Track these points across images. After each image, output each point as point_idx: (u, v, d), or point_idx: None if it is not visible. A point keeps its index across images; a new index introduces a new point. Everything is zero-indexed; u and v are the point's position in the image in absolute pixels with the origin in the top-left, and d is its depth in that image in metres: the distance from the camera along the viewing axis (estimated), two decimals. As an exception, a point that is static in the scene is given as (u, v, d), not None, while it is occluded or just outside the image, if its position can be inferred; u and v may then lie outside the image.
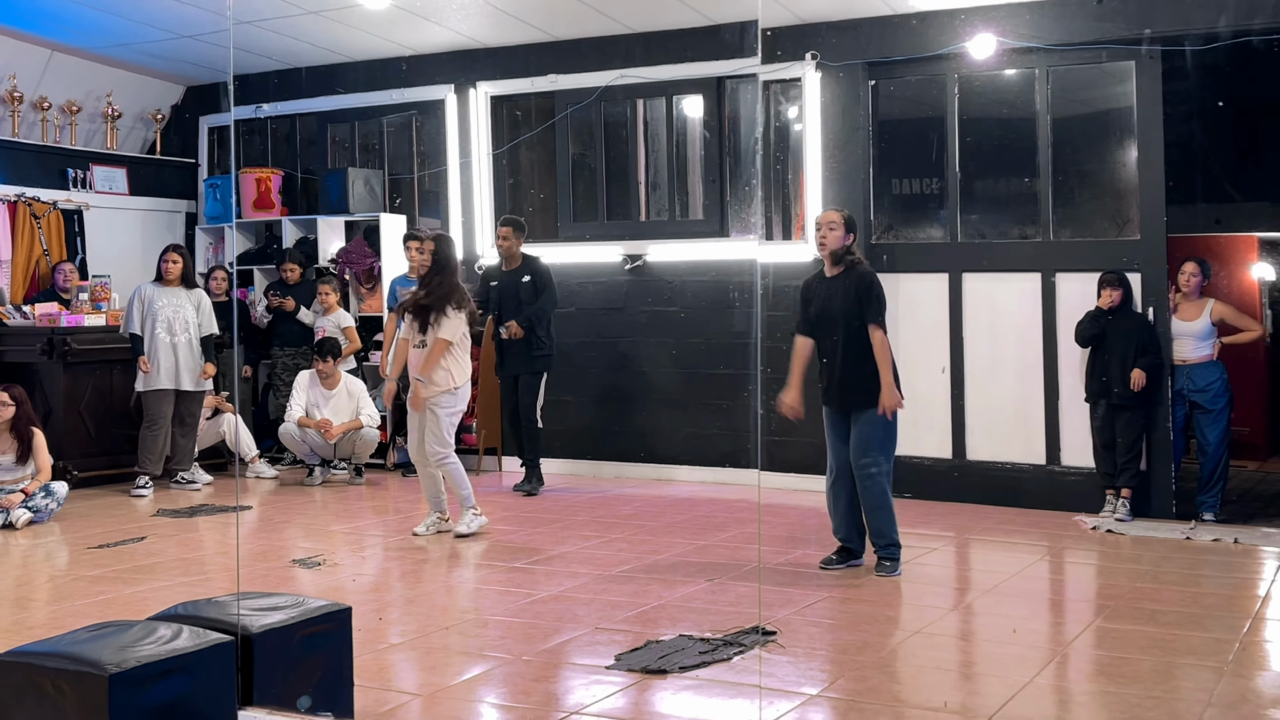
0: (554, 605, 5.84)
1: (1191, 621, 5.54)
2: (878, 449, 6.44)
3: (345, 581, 6.44)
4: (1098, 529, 7.81)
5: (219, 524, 8.19)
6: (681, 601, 5.87)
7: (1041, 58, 8.58)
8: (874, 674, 4.76)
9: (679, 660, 4.81)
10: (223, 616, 3.52)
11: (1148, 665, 4.84)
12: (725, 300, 9.61)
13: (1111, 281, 8.14)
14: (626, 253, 9.97)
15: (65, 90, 10.85)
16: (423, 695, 4.54)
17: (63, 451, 9.31)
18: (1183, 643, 5.18)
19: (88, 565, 6.87)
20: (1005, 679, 4.70)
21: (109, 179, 11.26)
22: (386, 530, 7.94)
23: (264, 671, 3.47)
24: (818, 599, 5.94)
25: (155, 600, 5.86)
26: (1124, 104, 8.46)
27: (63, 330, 9.56)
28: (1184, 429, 8.45)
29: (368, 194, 10.76)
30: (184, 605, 3.69)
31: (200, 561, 7.00)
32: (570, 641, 5.23)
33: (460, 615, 5.74)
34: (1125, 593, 6.13)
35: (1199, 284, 8.38)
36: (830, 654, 5.04)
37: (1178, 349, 8.28)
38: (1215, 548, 7.28)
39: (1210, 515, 8.11)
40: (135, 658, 3.18)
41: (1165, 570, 6.66)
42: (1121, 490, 8.12)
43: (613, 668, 4.79)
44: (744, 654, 4.95)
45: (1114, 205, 8.68)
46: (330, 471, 9.77)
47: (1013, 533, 7.74)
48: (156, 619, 3.58)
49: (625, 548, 7.18)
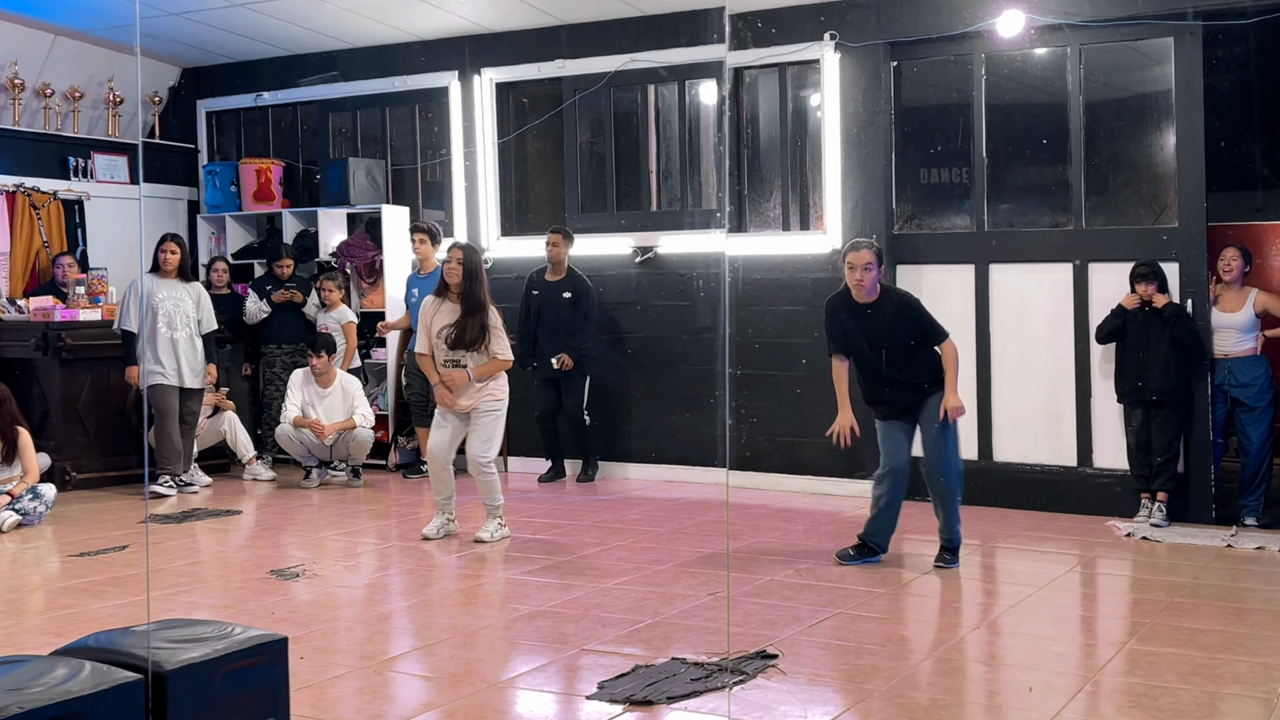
0: (540, 622, 5.42)
1: (1236, 644, 5.06)
2: (953, 449, 6.51)
3: (324, 595, 6.05)
4: (1132, 535, 7.34)
5: (212, 530, 7.82)
6: (679, 619, 5.44)
7: (1073, 35, 8.10)
8: (884, 707, 4.31)
9: (667, 690, 4.38)
10: (134, 650, 3.12)
11: (1188, 696, 4.38)
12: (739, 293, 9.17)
13: (1144, 275, 7.66)
14: (637, 244, 9.55)
15: (68, 77, 10.55)
16: (383, 729, 4.13)
17: (60, 453, 9.00)
18: (1227, 669, 4.71)
19: (64, 575, 6.52)
20: (1028, 712, 4.24)
21: (110, 167, 10.93)
22: (378, 537, 7.55)
23: (179, 714, 3.07)
24: (827, 616, 5.50)
25: (119, 618, 5.49)
26: (1162, 85, 7.98)
27: (58, 325, 9.24)
28: (1224, 428, 7.95)
29: (369, 185, 10.38)
30: (96, 636, 3.29)
31: (180, 574, 6.61)
32: (552, 665, 4.81)
33: (441, 633, 5.32)
34: (1162, 609, 5.66)
35: (1241, 271, 7.89)
36: (836, 681, 4.60)
37: (1219, 342, 7.80)
38: (1259, 556, 6.80)
39: (1253, 520, 7.64)
40: (19, 703, 2.78)
41: (1205, 583, 6.18)
42: (1158, 494, 7.66)
43: (594, 697, 4.36)
44: (742, 683, 4.51)
45: (1150, 192, 8.19)
46: (328, 473, 9.40)
47: (1042, 540, 7.27)
48: (61, 653, 3.19)
49: (626, 556, 6.76)
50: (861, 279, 6.41)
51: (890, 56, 8.71)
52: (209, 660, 3.16)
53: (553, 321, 9.24)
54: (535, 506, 8.41)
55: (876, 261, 6.46)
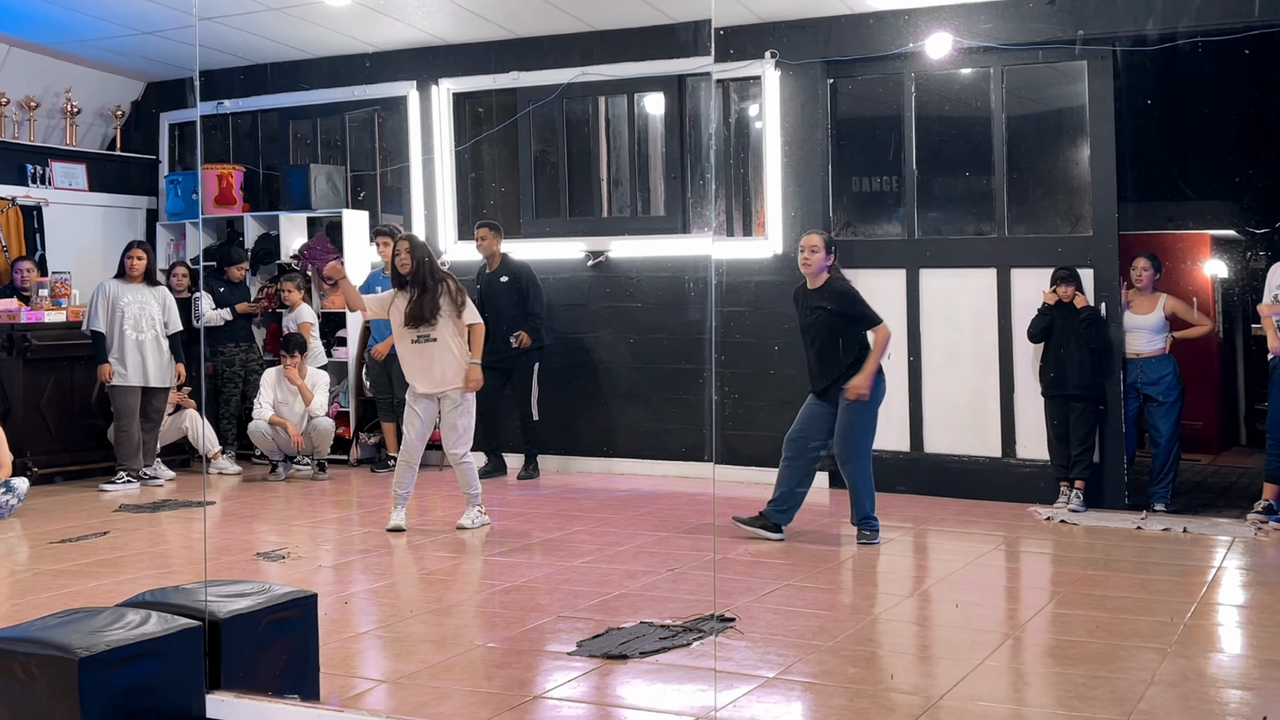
0: (517, 595, 5.92)
1: (1139, 606, 5.68)
2: (863, 435, 7.11)
3: (310, 573, 6.49)
4: (1051, 520, 7.96)
5: (182, 519, 8.21)
6: (642, 590, 5.96)
7: (996, 57, 8.72)
8: (829, 658, 4.87)
9: (639, 646, 4.91)
10: (190, 603, 3.58)
11: (1095, 648, 4.98)
12: (686, 296, 9.70)
13: (1064, 278, 8.30)
14: (588, 249, 10.05)
15: (23, 86, 10.80)
16: (389, 681, 4.62)
17: (23, 448, 9.31)
18: (1129, 626, 5.33)
19: (50, 559, 6.89)
20: (957, 661, 4.82)
21: (68, 175, 11.22)
22: (351, 524, 7.99)
23: (231, 656, 3.54)
24: (776, 587, 6.05)
25: (120, 592, 5.87)
26: (1077, 103, 8.61)
27: (22, 326, 9.54)
28: (1136, 422, 8.60)
29: (330, 190, 10.79)
30: (151, 592, 3.75)
31: (165, 555, 7.03)
32: (534, 629, 5.31)
33: (426, 605, 5.81)
34: (1076, 580, 6.27)
35: (1151, 278, 8.55)
36: (787, 639, 5.15)
37: (1131, 342, 8.45)
38: (1165, 537, 7.45)
39: (1161, 506, 8.26)
40: (104, 642, 3.24)
41: (1116, 558, 6.81)
42: (1075, 482, 8.27)
43: (574, 654, 4.88)
44: (702, 640, 5.05)
45: (1067, 202, 8.83)
46: (294, 467, 9.80)
47: (968, 523, 7.88)
48: (124, 605, 3.64)
49: (588, 539, 7.27)
50: (808, 259, 7.10)
51: (827, 74, 9.28)
52: (255, 611, 3.64)
53: (496, 309, 9.40)
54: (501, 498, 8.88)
55: (824, 247, 7.12)
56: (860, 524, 7.13)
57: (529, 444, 9.73)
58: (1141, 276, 8.53)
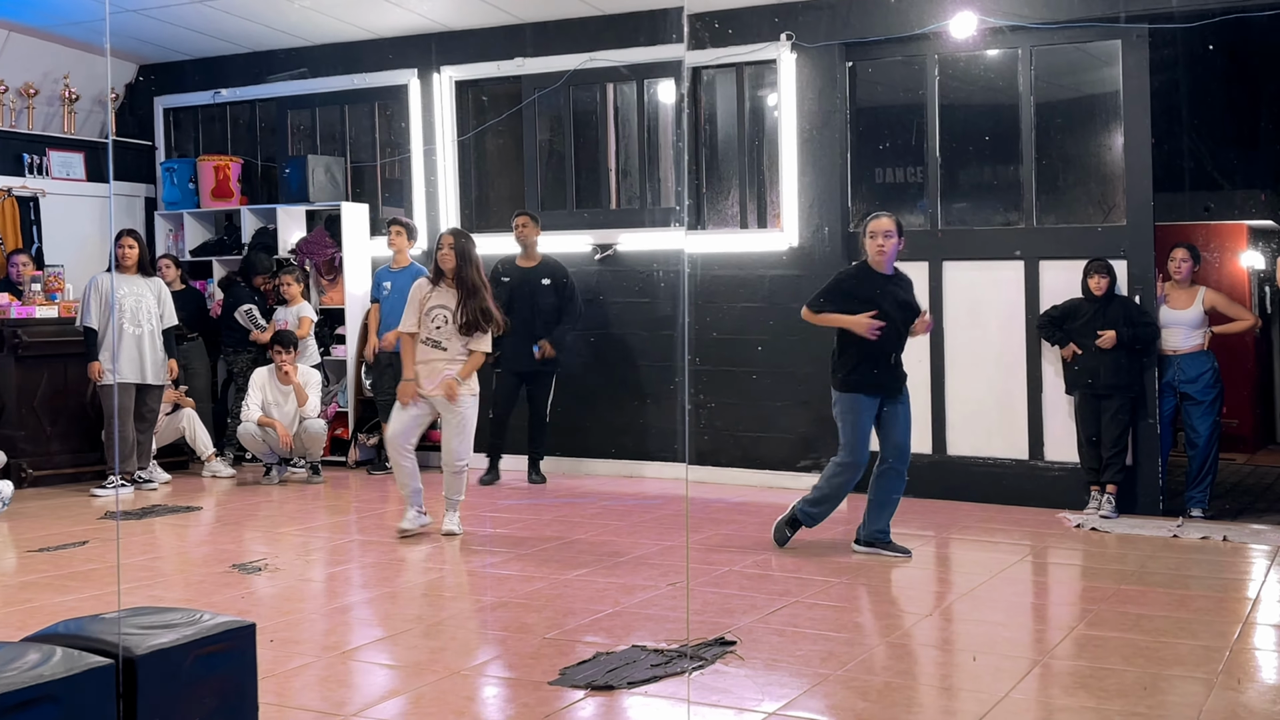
0: (503, 613, 5.50)
1: (1179, 628, 5.21)
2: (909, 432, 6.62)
3: (288, 587, 6.09)
4: (1081, 527, 7.50)
5: (172, 526, 7.84)
6: (639, 608, 5.53)
7: (1024, 37, 8.26)
8: (837, 689, 4.42)
9: (627, 675, 4.47)
10: (106, 636, 3.17)
11: (1132, 677, 4.51)
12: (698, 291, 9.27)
13: (1099, 269, 7.84)
14: (596, 241, 9.63)
15: (22, 73, 10.49)
16: (339, 716, 4.18)
17: (17, 449, 8.97)
18: (1170, 651, 4.86)
19: (23, 570, 6.52)
20: (979, 694, 4.36)
21: (66, 164, 10.89)
22: (342, 530, 7.60)
23: (149, 698, 3.11)
24: (784, 604, 5.60)
25: (82, 610, 5.49)
26: (1110, 87, 8.14)
27: (14, 322, 9.20)
28: (1172, 422, 8.13)
29: (329, 182, 10.40)
30: (66, 623, 3.33)
31: (142, 568, 6.64)
32: (514, 653, 4.88)
33: (404, 624, 5.39)
34: (1109, 596, 5.81)
35: (1190, 270, 8.07)
36: (792, 665, 4.70)
37: (1167, 338, 7.97)
38: (1204, 546, 6.97)
39: (1199, 511, 7.82)
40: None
41: (1151, 571, 6.34)
42: (1106, 486, 7.82)
43: (556, 683, 4.44)
44: (702, 668, 4.61)
45: (1099, 191, 8.36)
46: (288, 470, 9.42)
47: (993, 531, 7.42)
48: (32, 639, 3.23)
49: (586, 550, 6.85)
50: (883, 245, 6.43)
51: (845, 57, 8.84)
52: (179, 645, 3.21)
53: (528, 311, 8.97)
54: (502, 503, 8.47)
55: (897, 230, 6.49)
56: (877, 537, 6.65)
57: (537, 448, 9.28)
58: (1180, 268, 8.05)
